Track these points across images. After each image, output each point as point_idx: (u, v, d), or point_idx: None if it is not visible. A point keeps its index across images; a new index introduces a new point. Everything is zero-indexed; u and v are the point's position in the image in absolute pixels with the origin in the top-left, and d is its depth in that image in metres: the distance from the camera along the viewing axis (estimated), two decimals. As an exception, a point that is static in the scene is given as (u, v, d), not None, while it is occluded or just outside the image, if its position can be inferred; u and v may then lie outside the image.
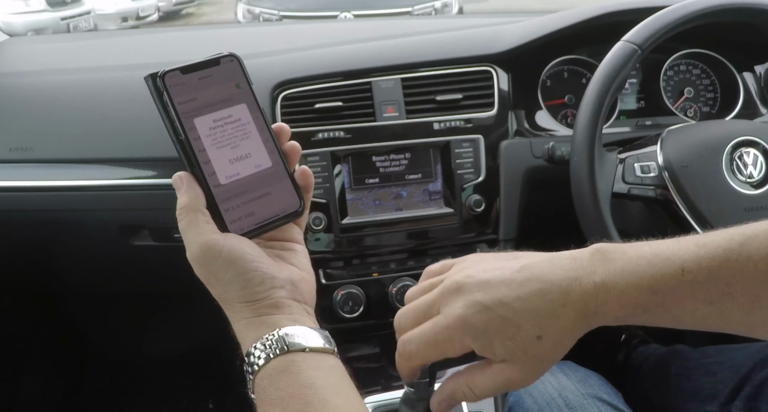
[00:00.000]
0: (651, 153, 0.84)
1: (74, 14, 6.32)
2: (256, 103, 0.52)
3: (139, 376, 1.58)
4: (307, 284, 0.52)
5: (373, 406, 0.94)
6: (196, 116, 0.49)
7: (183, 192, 0.49)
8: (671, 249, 0.47)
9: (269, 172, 0.51)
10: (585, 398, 0.76)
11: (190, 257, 0.48)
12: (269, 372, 0.44)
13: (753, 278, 0.44)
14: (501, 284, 0.48)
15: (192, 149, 0.48)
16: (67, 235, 1.15)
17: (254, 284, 0.47)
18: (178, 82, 0.48)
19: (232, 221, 0.49)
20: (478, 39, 1.05)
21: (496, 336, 0.48)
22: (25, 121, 1.05)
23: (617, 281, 0.46)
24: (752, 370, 0.81)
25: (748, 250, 0.45)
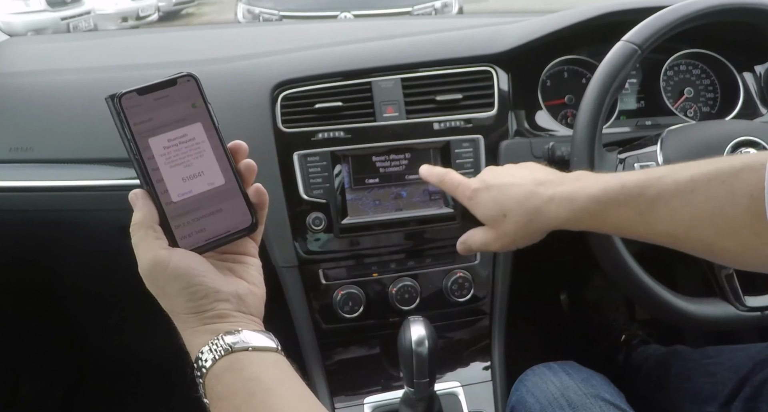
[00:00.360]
0: (651, 153, 0.84)
1: (74, 14, 6.32)
2: (212, 121, 0.53)
3: (139, 376, 1.58)
4: (255, 297, 0.53)
5: (373, 406, 0.94)
6: (150, 136, 0.50)
7: (137, 209, 0.51)
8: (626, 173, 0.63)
9: (222, 189, 0.53)
10: (587, 398, 0.76)
11: (141, 272, 0.51)
12: (216, 372, 0.47)
13: (674, 196, 0.56)
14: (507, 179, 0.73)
15: (146, 168, 0.50)
16: (67, 235, 1.15)
17: (198, 297, 0.49)
18: (134, 103, 0.50)
19: (182, 237, 0.51)
20: (478, 39, 1.05)
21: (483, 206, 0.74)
22: (25, 121, 1.05)
23: (575, 191, 0.64)
24: (752, 371, 0.81)
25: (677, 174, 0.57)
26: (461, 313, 1.02)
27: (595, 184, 0.64)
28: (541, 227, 0.69)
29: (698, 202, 0.55)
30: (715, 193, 0.54)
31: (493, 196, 0.72)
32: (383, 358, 1.01)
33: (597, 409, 0.75)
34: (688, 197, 0.55)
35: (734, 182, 0.53)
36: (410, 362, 0.77)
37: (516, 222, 0.70)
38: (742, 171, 0.53)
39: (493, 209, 0.72)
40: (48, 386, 1.54)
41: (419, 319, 0.80)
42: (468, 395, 0.95)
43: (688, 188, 0.56)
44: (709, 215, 0.54)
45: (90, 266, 1.28)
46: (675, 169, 0.59)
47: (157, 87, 0.51)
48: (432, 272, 0.99)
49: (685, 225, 0.56)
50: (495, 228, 0.73)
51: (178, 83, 0.52)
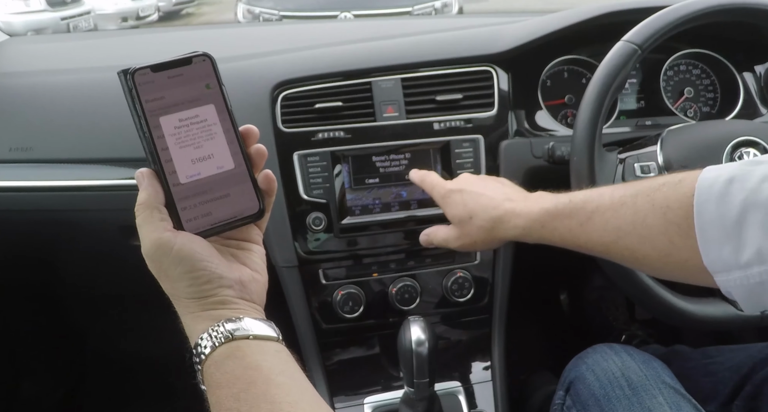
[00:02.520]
0: (651, 153, 0.84)
1: (74, 14, 6.32)
2: (225, 104, 0.52)
3: (139, 376, 1.58)
4: (258, 285, 0.53)
5: (373, 406, 0.94)
6: (161, 115, 0.49)
7: (143, 188, 0.50)
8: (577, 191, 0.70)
9: (231, 174, 0.52)
10: (648, 380, 0.76)
11: (144, 253, 0.50)
12: (215, 359, 0.46)
13: (608, 208, 0.64)
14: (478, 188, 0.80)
15: (155, 147, 0.49)
16: (67, 235, 1.15)
17: (201, 282, 0.49)
18: (147, 79, 0.49)
19: (187, 220, 0.50)
20: (478, 39, 1.05)
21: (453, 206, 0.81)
22: (25, 122, 1.05)
23: (532, 205, 0.72)
24: (752, 370, 0.81)
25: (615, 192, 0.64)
26: (461, 313, 1.02)
27: (549, 200, 0.71)
28: (501, 234, 0.76)
29: (625, 214, 0.62)
30: (639, 206, 0.61)
31: (464, 199, 0.79)
32: (383, 358, 1.01)
33: (657, 391, 0.75)
34: (618, 209, 0.63)
35: (655, 195, 0.59)
36: (410, 362, 0.77)
37: (479, 226, 0.77)
38: (663, 185, 0.59)
39: (462, 210, 0.79)
40: (48, 386, 1.54)
41: (419, 319, 0.80)
42: (468, 395, 0.95)
43: (619, 202, 0.63)
44: (633, 224, 0.61)
45: (90, 265, 1.28)
46: (615, 187, 0.67)
47: (172, 65, 0.50)
48: (432, 272, 0.99)
49: (615, 234, 0.63)
50: (459, 228, 0.80)
51: (193, 62, 0.51)
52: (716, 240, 0.54)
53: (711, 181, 0.55)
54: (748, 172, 0.53)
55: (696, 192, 0.55)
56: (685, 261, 0.57)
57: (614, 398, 0.75)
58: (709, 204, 0.54)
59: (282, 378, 0.46)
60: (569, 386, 0.83)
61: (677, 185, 0.58)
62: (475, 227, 0.77)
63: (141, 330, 1.54)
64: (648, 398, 0.74)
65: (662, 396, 0.74)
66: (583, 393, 0.79)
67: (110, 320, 1.57)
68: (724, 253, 0.53)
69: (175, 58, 0.50)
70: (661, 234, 0.58)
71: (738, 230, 0.52)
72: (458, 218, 0.80)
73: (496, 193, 0.78)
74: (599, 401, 0.76)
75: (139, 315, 1.52)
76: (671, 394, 0.75)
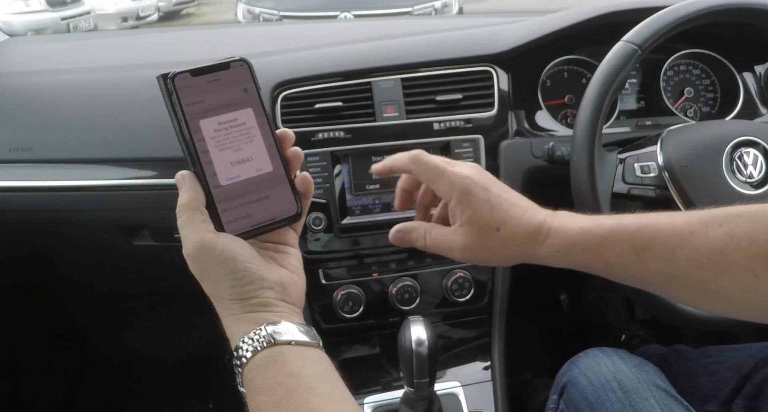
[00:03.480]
0: (651, 153, 0.84)
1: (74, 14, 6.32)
2: (262, 108, 0.53)
3: (139, 376, 1.58)
4: (297, 287, 0.53)
5: (373, 406, 0.94)
6: (201, 118, 0.50)
7: (184, 190, 0.50)
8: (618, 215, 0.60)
9: (269, 176, 0.52)
10: (640, 383, 0.76)
11: (186, 253, 0.50)
12: (257, 364, 0.46)
13: (672, 236, 0.56)
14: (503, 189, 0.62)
15: (195, 149, 0.50)
16: (67, 235, 1.15)
17: (244, 283, 0.49)
18: (187, 83, 0.50)
19: (228, 222, 0.51)
20: (478, 39, 1.05)
21: (474, 204, 0.60)
22: (25, 122, 1.05)
23: (567, 223, 0.60)
24: (753, 369, 0.81)
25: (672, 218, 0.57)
26: (461, 313, 1.02)
27: (587, 218, 0.60)
28: (527, 254, 0.61)
29: (697, 244, 0.55)
30: (713, 236, 0.55)
31: (493, 200, 0.60)
32: (383, 358, 1.01)
33: (649, 394, 0.75)
34: (686, 237, 0.56)
35: (732, 226, 0.54)
36: (410, 362, 0.77)
37: (506, 240, 0.60)
38: (738, 217, 0.55)
39: (489, 215, 0.59)
40: (48, 386, 1.54)
41: (419, 319, 0.79)
42: (468, 395, 0.95)
43: (686, 230, 0.56)
44: (708, 256, 0.55)
45: (90, 265, 1.28)
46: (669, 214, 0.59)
47: (210, 69, 0.51)
48: (432, 272, 0.99)
49: (684, 266, 0.56)
50: (476, 237, 0.60)
51: (231, 67, 0.52)
52: None
53: None
54: None
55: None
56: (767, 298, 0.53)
57: (607, 402, 0.75)
58: None
59: (323, 387, 0.46)
60: (562, 390, 0.83)
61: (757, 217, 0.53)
62: (501, 239, 0.60)
63: (141, 330, 1.54)
64: (640, 401, 0.74)
65: (654, 399, 0.74)
66: (575, 397, 0.79)
67: (110, 320, 1.57)
68: None
69: (214, 63, 0.51)
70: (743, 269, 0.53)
71: None
72: (480, 224, 0.60)
73: (522, 201, 0.62)
74: (592, 405, 0.76)
75: (139, 315, 1.52)
76: (663, 397, 0.75)
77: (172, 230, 1.05)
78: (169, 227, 1.03)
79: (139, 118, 1.00)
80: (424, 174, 0.62)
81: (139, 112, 1.00)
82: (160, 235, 1.05)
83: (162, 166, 0.97)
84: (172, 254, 1.11)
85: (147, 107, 1.00)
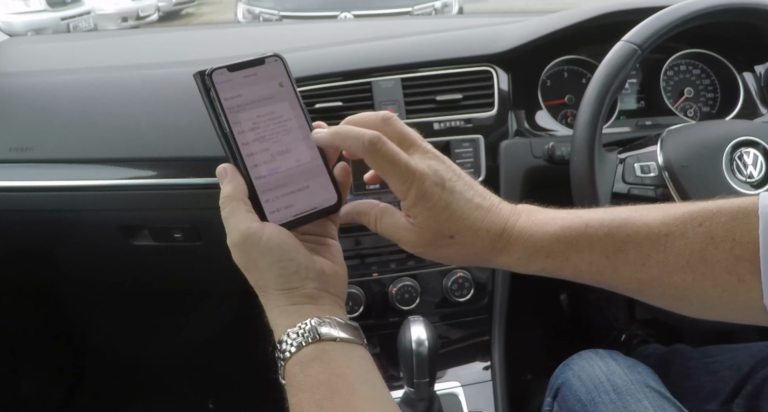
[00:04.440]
0: (651, 153, 0.84)
1: (74, 14, 6.32)
2: (298, 101, 0.54)
3: (139, 376, 1.58)
4: (339, 278, 0.53)
5: (373, 406, 0.94)
6: (240, 111, 0.51)
7: (227, 182, 0.51)
8: (584, 211, 0.55)
9: (309, 167, 0.54)
10: (633, 384, 0.76)
11: (231, 243, 0.50)
12: (300, 359, 0.46)
13: (646, 239, 0.51)
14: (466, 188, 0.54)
15: (236, 142, 0.51)
16: (67, 235, 1.15)
17: (290, 273, 0.49)
18: (224, 79, 0.51)
19: (271, 212, 0.51)
20: (478, 39, 1.05)
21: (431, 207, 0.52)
22: (25, 121, 1.05)
23: (530, 226, 0.54)
24: (753, 369, 0.81)
25: (646, 217, 0.52)
26: (461, 313, 1.02)
27: (552, 220, 0.55)
28: (484, 260, 0.56)
29: (674, 246, 0.51)
30: (691, 237, 0.50)
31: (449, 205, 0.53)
32: (383, 358, 1.01)
33: (642, 395, 0.75)
34: (661, 241, 0.51)
35: (712, 225, 0.50)
36: (410, 362, 0.77)
37: (461, 247, 0.55)
38: (719, 214, 0.50)
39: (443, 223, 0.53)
40: (48, 386, 1.54)
41: (419, 319, 0.79)
42: (468, 395, 0.95)
43: (662, 231, 0.51)
44: (686, 260, 0.50)
45: (90, 265, 1.28)
46: (643, 210, 0.54)
47: (246, 65, 0.53)
48: (432, 272, 0.99)
49: (658, 271, 0.51)
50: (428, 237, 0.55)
51: (266, 63, 0.54)
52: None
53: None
54: None
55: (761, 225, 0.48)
56: (756, 300, 0.49)
57: (600, 403, 0.75)
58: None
59: (365, 389, 0.45)
60: (556, 392, 0.83)
61: (739, 215, 0.49)
62: (455, 245, 0.54)
63: (141, 330, 1.54)
64: (633, 402, 0.74)
65: (647, 400, 0.74)
66: (569, 399, 0.79)
67: (110, 320, 1.57)
68: None
69: (249, 59, 0.53)
70: (726, 272, 0.49)
71: None
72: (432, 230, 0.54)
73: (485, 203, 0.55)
74: (585, 407, 0.77)
75: (139, 315, 1.52)
76: (656, 398, 0.75)
77: (171, 230, 1.05)
78: (169, 227, 1.03)
79: (138, 118, 1.00)
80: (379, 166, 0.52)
81: (138, 112, 1.00)
82: (159, 235, 1.05)
83: (161, 166, 0.97)
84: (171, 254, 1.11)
85: (147, 107, 1.00)
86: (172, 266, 1.18)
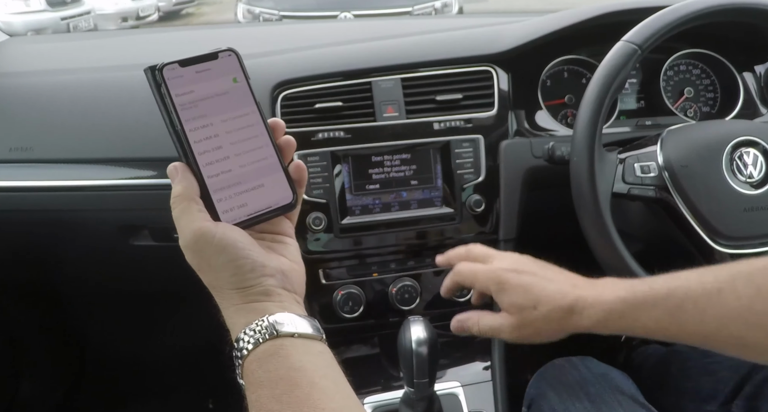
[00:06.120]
0: (651, 153, 0.84)
1: (74, 14, 6.33)
2: (252, 97, 0.52)
3: (139, 376, 1.58)
4: (297, 275, 0.52)
5: (373, 406, 0.94)
6: (192, 108, 0.50)
7: (177, 181, 0.50)
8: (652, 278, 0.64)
9: (263, 164, 0.52)
10: (606, 391, 0.77)
11: (183, 244, 0.49)
12: (258, 356, 0.45)
13: (701, 296, 0.58)
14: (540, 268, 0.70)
15: (187, 140, 0.49)
16: (66, 235, 1.15)
17: (245, 271, 0.48)
18: (176, 74, 0.49)
19: (224, 211, 0.50)
20: (478, 39, 1.05)
21: (512, 292, 0.68)
22: (25, 122, 1.05)
23: (603, 293, 0.64)
24: (752, 369, 0.81)
25: (701, 277, 0.60)
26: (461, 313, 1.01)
27: (622, 286, 0.64)
28: (571, 326, 0.66)
29: (726, 301, 0.57)
30: (741, 291, 0.56)
31: (524, 283, 0.68)
32: (383, 358, 1.01)
33: (615, 402, 0.75)
34: (715, 296, 0.57)
35: (758, 279, 0.56)
36: (410, 362, 0.77)
37: (545, 316, 0.66)
38: (765, 269, 0.56)
39: (524, 297, 0.67)
40: (48, 386, 1.54)
41: (419, 319, 0.79)
42: (468, 395, 0.95)
43: (715, 288, 0.58)
44: (738, 312, 0.56)
45: (90, 265, 1.28)
46: (699, 272, 0.61)
47: (199, 60, 0.51)
48: (432, 272, 0.99)
49: (716, 323, 0.58)
50: (518, 317, 0.68)
51: (219, 57, 0.52)
52: None
53: None
54: None
55: None
56: None
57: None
58: None
59: (326, 382, 0.45)
60: (530, 403, 0.83)
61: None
62: (540, 316, 0.66)
63: (140, 330, 1.54)
64: (607, 409, 0.74)
65: (621, 407, 0.74)
66: (544, 409, 0.79)
67: (110, 320, 1.57)
68: None
69: (202, 54, 0.51)
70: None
71: None
72: (518, 306, 0.67)
73: (558, 278, 0.68)
74: None
75: (138, 315, 1.52)
76: (630, 404, 0.75)
77: (171, 230, 1.04)
78: (169, 227, 1.03)
79: (139, 118, 1.00)
80: (466, 282, 0.74)
81: (139, 112, 1.00)
82: (159, 235, 1.05)
83: (162, 166, 0.96)
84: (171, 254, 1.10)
85: (147, 107, 0.99)
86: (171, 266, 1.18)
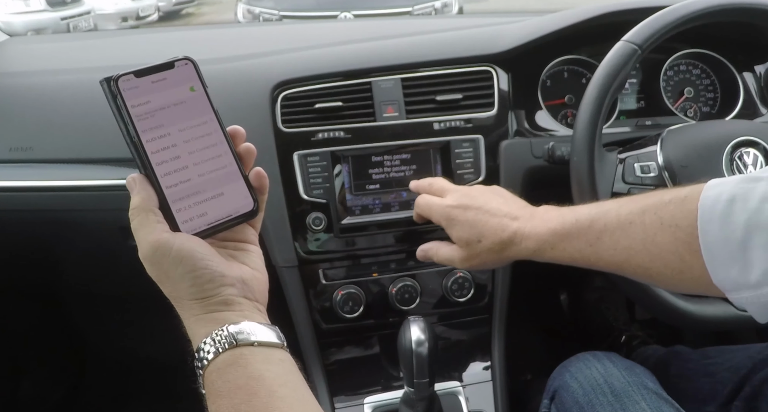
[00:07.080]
0: (651, 153, 0.84)
1: (74, 14, 6.33)
2: (210, 105, 0.52)
3: (139, 377, 1.58)
4: (259, 283, 0.52)
5: (373, 406, 0.94)
6: (148, 118, 0.50)
7: (135, 193, 0.50)
8: (581, 207, 0.69)
9: (222, 173, 0.52)
10: (630, 386, 0.77)
11: (142, 256, 0.49)
12: (218, 366, 0.45)
13: (616, 227, 0.63)
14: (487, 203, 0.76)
15: (145, 151, 0.49)
16: (67, 235, 1.15)
17: (203, 282, 0.48)
18: (131, 85, 0.49)
19: (183, 221, 0.50)
20: (478, 39, 1.05)
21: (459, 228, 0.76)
22: (25, 122, 1.05)
23: (539, 225, 0.70)
24: (752, 370, 0.81)
25: (620, 209, 0.64)
26: (461, 313, 1.02)
27: (555, 218, 0.69)
28: (511, 256, 0.74)
29: (634, 233, 0.61)
30: (648, 224, 0.60)
31: (470, 219, 0.75)
32: (383, 358, 1.01)
33: (639, 397, 0.75)
34: (626, 228, 0.62)
35: (662, 213, 0.59)
36: (410, 362, 0.77)
37: (489, 248, 0.74)
38: (670, 203, 0.59)
39: (469, 232, 0.75)
40: (48, 386, 1.54)
41: (419, 319, 0.80)
42: (468, 395, 0.95)
43: (627, 220, 0.62)
44: (643, 243, 0.61)
45: (90, 265, 1.28)
46: (620, 203, 0.65)
47: (155, 69, 0.50)
48: (432, 272, 0.99)
49: (625, 253, 0.62)
50: (467, 249, 0.76)
51: (175, 66, 0.51)
52: (723, 261, 0.54)
53: (713, 200, 0.55)
54: (749, 190, 0.53)
55: (699, 212, 0.55)
56: (698, 278, 0.57)
57: (597, 405, 0.76)
58: (712, 225, 0.55)
59: (285, 390, 0.45)
60: (554, 394, 0.83)
61: (683, 202, 0.58)
62: (484, 249, 0.74)
63: (141, 330, 1.54)
64: (630, 403, 0.74)
65: (645, 401, 0.75)
66: (567, 401, 0.80)
67: (110, 320, 1.57)
68: (732, 273, 0.54)
69: (157, 63, 0.51)
70: (671, 253, 0.58)
71: (743, 251, 0.53)
72: (465, 240, 0.76)
73: (501, 211, 0.75)
74: (583, 409, 0.77)
75: (138, 315, 1.52)
76: (653, 399, 0.75)
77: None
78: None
79: (139, 118, 1.00)
80: (424, 213, 0.82)
81: (139, 112, 1.00)
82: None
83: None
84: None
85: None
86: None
